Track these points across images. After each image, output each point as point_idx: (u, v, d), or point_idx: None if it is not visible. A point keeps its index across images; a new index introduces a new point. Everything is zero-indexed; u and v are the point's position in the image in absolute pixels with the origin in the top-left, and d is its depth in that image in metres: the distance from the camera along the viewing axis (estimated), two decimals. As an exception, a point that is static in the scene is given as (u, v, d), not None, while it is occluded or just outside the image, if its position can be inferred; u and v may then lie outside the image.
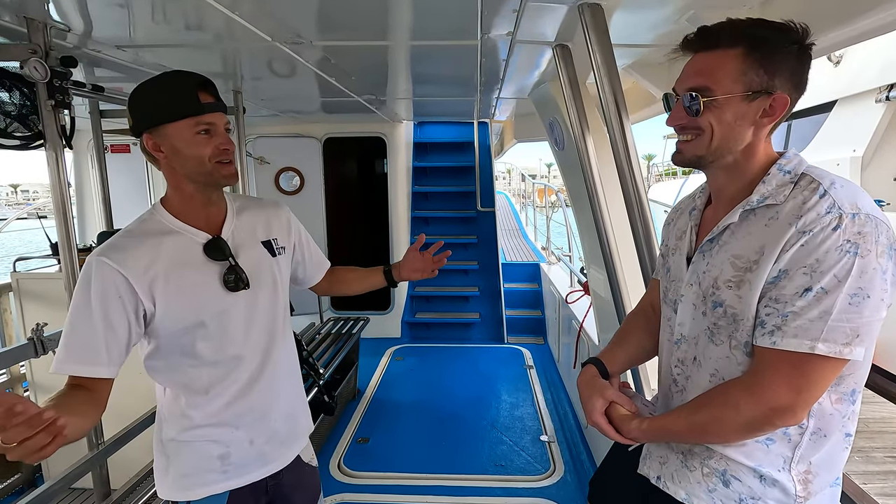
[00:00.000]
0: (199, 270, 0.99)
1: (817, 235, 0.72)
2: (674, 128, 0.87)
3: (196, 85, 0.95)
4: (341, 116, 4.02)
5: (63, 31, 1.55)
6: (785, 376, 0.74)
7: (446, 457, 2.67)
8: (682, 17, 1.46)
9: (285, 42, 1.76)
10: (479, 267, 4.80)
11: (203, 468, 1.03)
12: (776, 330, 0.74)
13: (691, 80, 0.82)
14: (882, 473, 2.49)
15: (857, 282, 0.70)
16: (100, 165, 2.62)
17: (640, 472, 0.96)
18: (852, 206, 0.72)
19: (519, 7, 1.41)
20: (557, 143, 2.54)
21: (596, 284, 2.47)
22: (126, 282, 0.91)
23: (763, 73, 0.77)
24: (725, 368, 0.83)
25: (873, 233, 0.70)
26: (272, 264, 1.10)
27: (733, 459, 0.83)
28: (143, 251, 0.94)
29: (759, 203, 0.80)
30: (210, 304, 0.99)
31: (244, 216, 1.10)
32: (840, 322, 0.70)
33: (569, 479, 2.46)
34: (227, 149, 0.98)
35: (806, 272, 0.72)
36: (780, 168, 0.81)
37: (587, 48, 1.35)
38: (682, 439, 0.88)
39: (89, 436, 1.64)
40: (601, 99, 1.38)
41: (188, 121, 0.94)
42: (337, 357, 2.89)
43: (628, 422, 0.90)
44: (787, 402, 0.74)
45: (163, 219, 1.00)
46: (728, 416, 0.78)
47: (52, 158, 1.49)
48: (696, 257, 0.90)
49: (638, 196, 1.38)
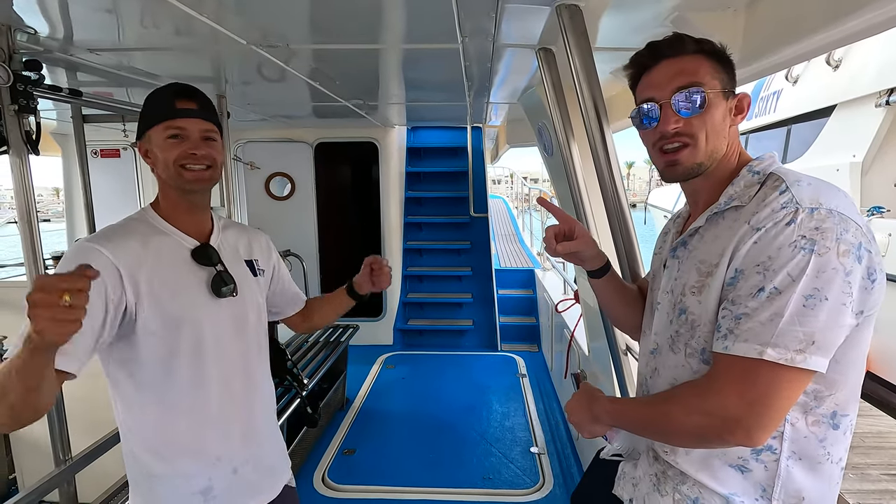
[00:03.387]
0: (186, 273, 0.98)
1: (770, 231, 0.67)
2: (663, 135, 0.80)
3: (173, 92, 0.98)
4: (333, 121, 3.98)
5: (30, 34, 1.51)
6: (736, 385, 0.68)
7: (434, 469, 2.60)
8: (667, 19, 1.41)
9: (262, 46, 1.71)
10: (472, 273, 4.74)
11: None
12: (729, 334, 0.69)
13: (677, 80, 0.78)
14: (878, 492, 2.38)
15: (813, 282, 0.64)
16: (82, 171, 2.58)
17: (614, 493, 0.93)
18: (813, 201, 0.66)
19: (496, 9, 1.37)
20: (546, 149, 2.49)
21: (585, 293, 2.41)
22: (116, 271, 0.89)
23: (724, 73, 0.79)
24: (682, 377, 0.80)
25: (834, 229, 0.64)
26: (253, 283, 1.11)
27: (706, 486, 0.78)
28: (132, 245, 0.93)
29: (727, 205, 0.76)
30: (194, 307, 0.97)
31: (228, 233, 1.12)
32: (792, 325, 0.64)
33: (558, 492, 2.40)
34: (193, 153, 0.97)
35: (759, 271, 0.67)
36: (749, 169, 0.77)
37: (565, 52, 1.31)
38: (635, 428, 0.85)
39: (55, 451, 1.59)
40: (581, 104, 1.33)
41: (160, 125, 0.96)
42: (323, 366, 2.83)
43: (598, 397, 0.89)
44: (737, 414, 0.68)
45: (152, 220, 1.00)
46: (680, 417, 0.73)
47: (15, 165, 1.44)
48: (670, 263, 0.87)
49: (619, 205, 1.33)
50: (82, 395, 1.84)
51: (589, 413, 0.88)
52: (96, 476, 1.77)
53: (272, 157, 4.29)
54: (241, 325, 1.04)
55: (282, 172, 4.33)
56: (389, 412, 3.30)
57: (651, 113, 0.81)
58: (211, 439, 0.98)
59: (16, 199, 1.47)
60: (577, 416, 0.91)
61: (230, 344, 1.01)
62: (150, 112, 0.98)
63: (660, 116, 0.79)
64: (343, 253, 4.76)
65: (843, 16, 1.10)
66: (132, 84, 2.29)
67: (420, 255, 4.85)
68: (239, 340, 1.03)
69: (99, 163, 4.00)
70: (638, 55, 0.83)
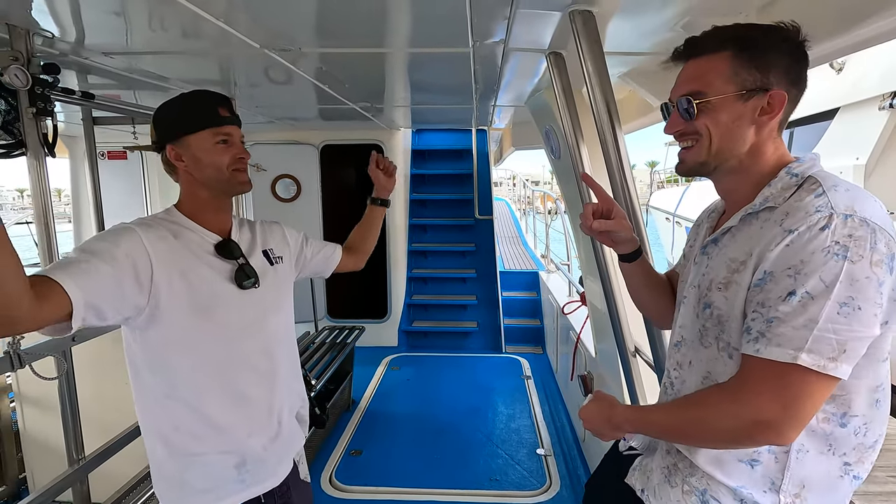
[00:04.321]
0: (211, 267, 1.03)
1: (803, 235, 0.67)
2: (674, 137, 0.85)
3: (217, 100, 1.05)
4: (338, 124, 4.00)
5: (48, 38, 1.53)
6: (769, 387, 0.69)
7: (441, 470, 2.61)
8: (677, 24, 1.42)
9: (274, 50, 1.73)
10: (476, 275, 4.75)
11: (223, 480, 1.03)
12: (760, 337, 0.70)
13: (684, 86, 0.81)
14: (885, 494, 2.38)
15: (848, 290, 0.64)
16: (92, 173, 2.60)
17: (627, 482, 0.95)
18: (848, 208, 0.67)
19: (509, 14, 1.38)
20: (554, 152, 2.51)
21: (592, 295, 2.42)
22: (147, 256, 0.92)
23: (755, 71, 0.76)
24: (716, 371, 0.81)
25: (868, 238, 0.64)
26: (271, 272, 1.16)
27: (714, 479, 0.80)
28: (165, 236, 0.99)
29: (761, 206, 0.77)
30: (221, 297, 1.02)
31: (244, 229, 1.18)
32: (826, 332, 0.65)
33: (565, 494, 2.40)
34: (243, 157, 1.07)
35: (790, 274, 0.67)
36: (788, 171, 0.77)
37: (578, 56, 1.32)
38: (662, 435, 0.86)
39: (69, 450, 1.60)
40: (593, 107, 1.34)
41: (209, 132, 1.02)
42: (330, 367, 2.85)
43: (616, 405, 0.90)
44: (772, 417, 0.69)
45: (176, 218, 1.06)
46: (712, 421, 0.74)
47: (32, 167, 1.46)
48: (699, 259, 0.88)
49: (631, 206, 1.34)
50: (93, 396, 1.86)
51: (609, 422, 0.89)
52: (107, 477, 1.79)
53: (278, 159, 4.31)
54: (263, 312, 1.10)
55: (288, 174, 4.35)
56: (395, 413, 3.31)
57: (668, 111, 0.86)
58: (241, 417, 1.04)
59: (33, 200, 1.49)
60: (596, 425, 0.92)
61: (254, 329, 1.07)
62: (191, 117, 1.02)
63: (669, 118, 0.85)
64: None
65: (852, 24, 1.12)
66: (141, 87, 2.31)
67: (425, 257, 4.87)
68: (262, 326, 1.09)
69: (106, 164, 4.02)
70: (676, 51, 0.84)
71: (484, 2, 1.30)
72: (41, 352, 1.45)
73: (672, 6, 1.30)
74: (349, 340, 3.29)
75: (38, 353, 1.44)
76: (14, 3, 1.28)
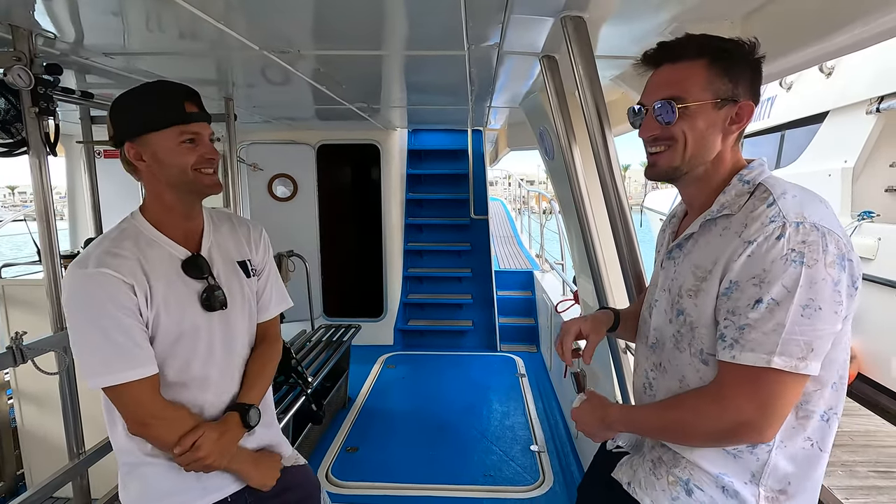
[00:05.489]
0: (179, 286, 0.98)
1: (762, 245, 0.71)
2: (645, 140, 0.87)
3: (182, 95, 0.96)
4: (335, 123, 4.02)
5: (49, 38, 1.55)
6: (746, 390, 0.74)
7: (436, 466, 2.64)
8: (666, 30, 1.47)
9: (273, 51, 1.76)
10: (472, 274, 4.79)
11: (182, 487, 1.00)
12: (735, 343, 0.74)
13: (662, 90, 0.83)
14: (865, 488, 2.46)
15: (808, 293, 0.69)
16: (90, 171, 2.62)
17: (614, 476, 0.98)
18: (798, 215, 0.71)
19: (503, 19, 1.42)
20: (547, 153, 2.55)
21: (585, 294, 2.47)
22: (132, 289, 0.91)
23: (728, 81, 0.80)
24: (688, 375, 0.85)
25: (819, 242, 0.69)
26: (247, 285, 1.10)
27: (698, 466, 0.84)
28: (134, 260, 0.94)
29: (719, 213, 0.81)
30: (188, 320, 0.98)
31: (222, 232, 1.10)
32: (794, 335, 0.70)
33: (558, 489, 2.44)
34: (211, 158, 0.98)
35: (755, 283, 0.72)
36: (740, 178, 0.82)
37: (570, 60, 1.36)
38: (650, 434, 0.91)
39: (70, 445, 1.62)
40: (583, 109, 1.38)
41: (173, 129, 0.94)
42: (327, 365, 2.87)
43: (608, 405, 0.94)
44: (751, 417, 0.73)
45: (142, 228, 0.99)
46: (695, 423, 0.79)
47: (35, 165, 1.48)
48: (666, 264, 0.91)
49: (621, 207, 1.38)
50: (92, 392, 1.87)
51: (601, 422, 0.93)
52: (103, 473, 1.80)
53: (275, 159, 4.32)
54: (232, 333, 1.05)
55: (284, 174, 4.37)
56: (391, 411, 3.34)
57: (638, 116, 0.88)
58: None
59: (34, 198, 1.51)
60: (589, 426, 0.96)
61: (220, 351, 1.03)
62: (154, 113, 0.94)
63: (643, 122, 0.86)
64: (344, 254, 4.80)
65: (834, 29, 1.16)
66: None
67: (420, 256, 4.90)
68: (229, 347, 1.05)
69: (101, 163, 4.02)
70: (646, 55, 0.86)
71: (479, 7, 1.33)
72: (43, 347, 1.47)
73: (661, 13, 1.35)
74: (345, 339, 3.32)
75: (40, 348, 1.46)
76: (17, 3, 1.30)
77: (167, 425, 0.94)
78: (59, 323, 1.55)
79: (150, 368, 0.92)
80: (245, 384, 1.08)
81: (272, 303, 1.17)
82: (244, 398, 1.05)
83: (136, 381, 0.90)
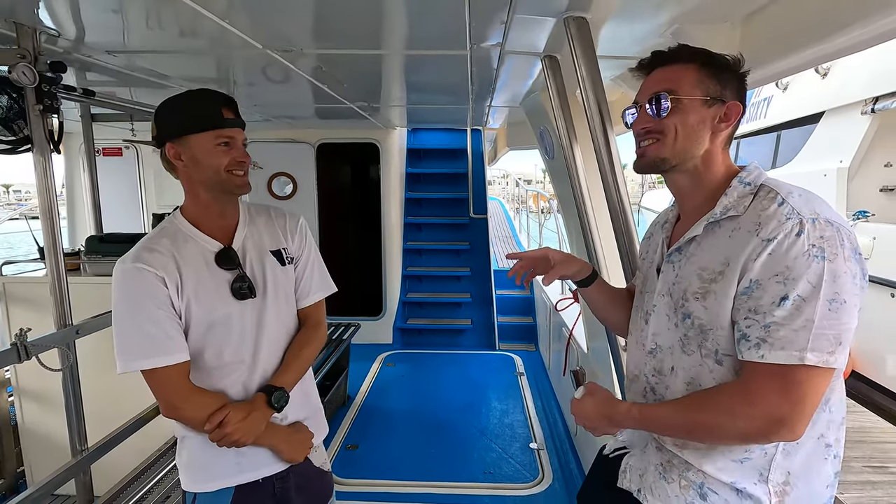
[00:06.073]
0: (212, 277, 1.05)
1: (782, 243, 0.72)
2: (637, 133, 0.90)
3: (221, 101, 1.04)
4: (335, 122, 4.03)
5: (53, 36, 1.56)
6: (777, 388, 0.73)
7: (435, 464, 2.66)
8: (667, 31, 1.48)
9: (276, 50, 1.77)
10: (471, 273, 4.80)
11: (218, 461, 1.07)
12: (762, 343, 0.74)
13: (655, 86, 0.87)
14: (859, 483, 2.49)
15: (833, 286, 0.70)
16: (90, 169, 2.62)
17: (621, 486, 0.96)
18: (811, 211, 0.73)
19: (506, 19, 1.43)
20: (548, 152, 2.57)
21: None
22: (163, 281, 0.99)
23: (716, 83, 0.84)
24: (700, 376, 0.84)
25: (836, 237, 0.71)
26: (282, 273, 1.14)
27: (710, 475, 0.83)
28: (168, 255, 1.01)
29: (723, 215, 0.82)
30: (220, 309, 1.04)
31: (257, 224, 1.15)
32: (823, 329, 0.70)
33: (557, 486, 2.46)
34: (242, 161, 1.06)
35: (779, 280, 0.72)
36: (740, 180, 0.83)
37: (572, 60, 1.38)
38: (672, 433, 0.88)
39: (72, 442, 1.62)
40: (585, 109, 1.40)
41: (211, 133, 1.02)
42: (326, 363, 2.88)
43: (616, 403, 0.91)
44: (784, 414, 0.73)
45: (180, 225, 1.07)
46: (726, 424, 0.78)
47: (39, 163, 1.49)
48: (665, 267, 0.92)
49: (622, 206, 1.39)
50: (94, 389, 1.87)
51: (607, 418, 0.91)
52: (105, 470, 1.81)
53: (274, 158, 4.32)
54: (266, 320, 1.10)
55: (284, 172, 4.37)
56: (390, 409, 3.35)
57: (631, 114, 0.91)
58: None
59: (38, 195, 1.51)
60: (592, 420, 0.93)
61: (254, 337, 1.09)
62: (194, 117, 1.02)
63: (637, 117, 0.89)
64: (344, 253, 4.81)
65: (833, 32, 1.18)
66: (139, 84, 2.33)
67: (420, 255, 4.91)
68: (263, 333, 1.10)
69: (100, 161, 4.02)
70: (641, 62, 0.91)
71: (482, 7, 1.35)
72: (47, 343, 1.47)
73: (662, 14, 1.36)
74: (345, 337, 3.33)
75: (44, 344, 1.47)
76: (21, 1, 1.30)
77: (194, 407, 1.02)
78: (62, 320, 1.55)
79: (177, 356, 0.99)
80: (281, 368, 1.12)
81: (312, 289, 1.22)
82: (275, 381, 1.10)
83: (164, 368, 0.98)
